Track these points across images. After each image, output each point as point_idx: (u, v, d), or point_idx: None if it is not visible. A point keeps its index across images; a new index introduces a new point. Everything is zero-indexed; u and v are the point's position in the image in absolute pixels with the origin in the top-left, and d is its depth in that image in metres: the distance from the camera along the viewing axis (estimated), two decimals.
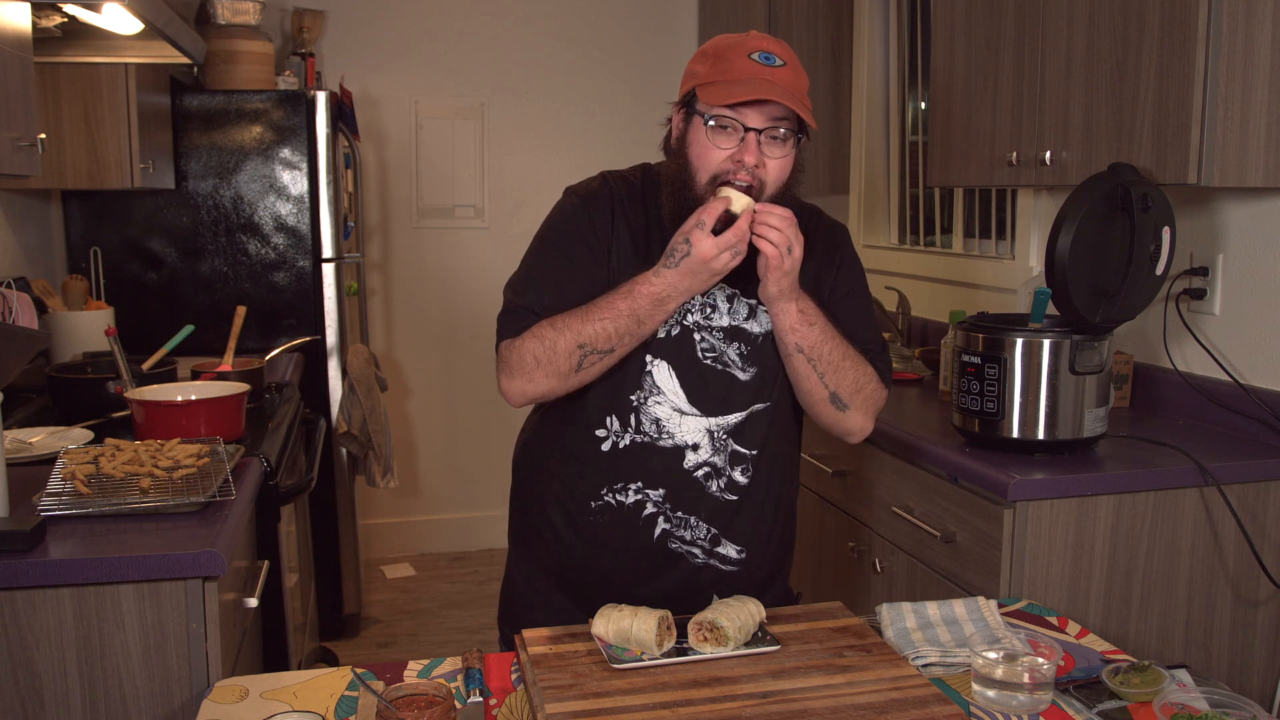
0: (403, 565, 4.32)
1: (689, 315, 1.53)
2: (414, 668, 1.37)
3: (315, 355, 3.45)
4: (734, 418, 1.55)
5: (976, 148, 2.48)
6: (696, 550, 1.57)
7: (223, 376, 2.42)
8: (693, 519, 1.55)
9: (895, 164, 3.66)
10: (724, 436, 1.55)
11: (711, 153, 1.46)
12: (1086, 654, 1.43)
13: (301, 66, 3.80)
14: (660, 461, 1.53)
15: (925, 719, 1.21)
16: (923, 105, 3.46)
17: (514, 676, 1.36)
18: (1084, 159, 2.13)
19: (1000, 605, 1.58)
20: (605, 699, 1.24)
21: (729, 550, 1.58)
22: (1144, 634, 1.98)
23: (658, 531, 1.55)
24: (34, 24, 2.21)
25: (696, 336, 1.54)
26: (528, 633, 1.42)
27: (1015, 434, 2.00)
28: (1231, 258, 2.23)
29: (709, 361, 1.54)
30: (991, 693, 1.28)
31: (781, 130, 1.45)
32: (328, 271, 3.47)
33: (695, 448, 1.54)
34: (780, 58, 1.45)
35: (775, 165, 1.46)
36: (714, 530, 1.56)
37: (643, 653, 1.34)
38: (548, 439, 1.64)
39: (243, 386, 2.14)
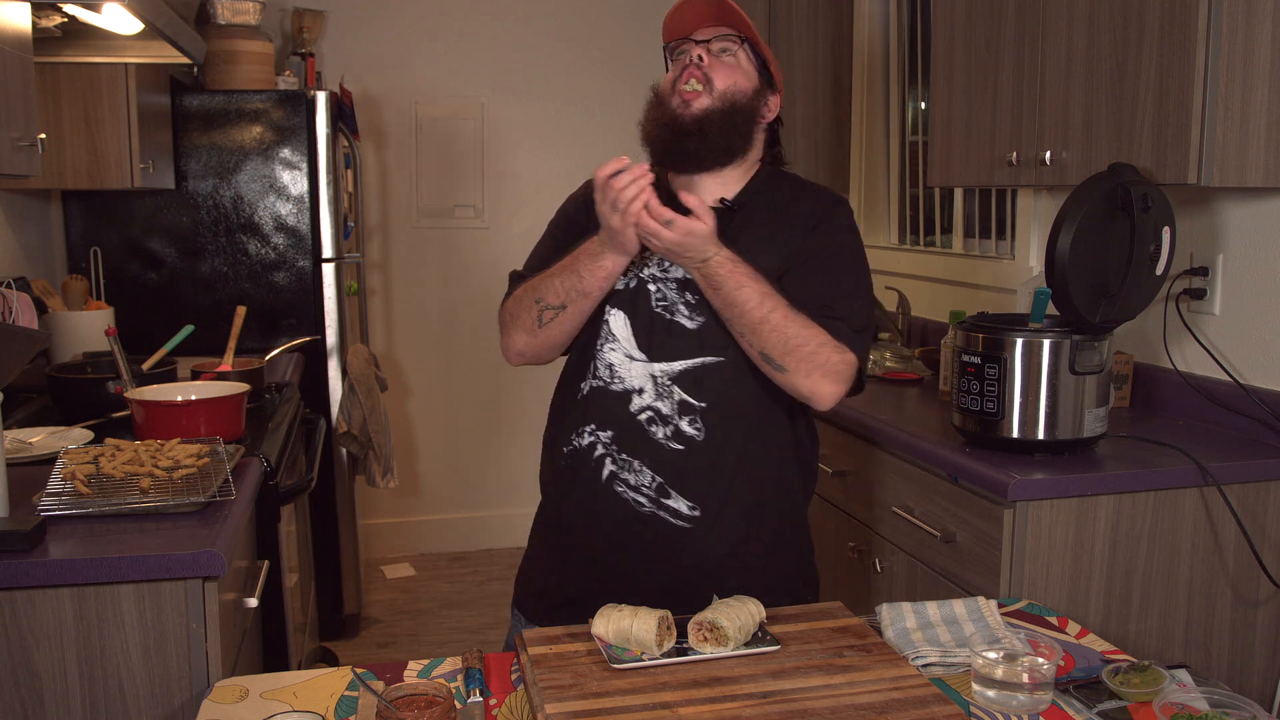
0: (403, 565, 4.32)
1: (646, 268, 1.62)
2: (414, 668, 1.37)
3: (315, 355, 3.45)
4: (678, 365, 1.59)
5: (976, 148, 2.48)
6: (642, 498, 1.59)
7: (223, 376, 2.42)
8: (637, 463, 1.59)
9: (895, 164, 3.66)
10: (667, 382, 1.59)
11: (670, 76, 1.64)
12: (1086, 654, 1.43)
13: (301, 66, 3.80)
14: (611, 405, 1.61)
15: (925, 719, 1.21)
16: (923, 105, 3.46)
17: (514, 676, 1.36)
18: (1084, 159, 2.13)
19: (1000, 605, 1.59)
20: (605, 699, 1.24)
21: (680, 504, 1.59)
22: (1144, 634, 1.98)
23: (605, 474, 1.61)
24: (34, 24, 2.21)
25: (652, 288, 1.62)
26: (528, 633, 1.42)
27: (1015, 434, 2.00)
28: (1231, 258, 2.23)
29: (659, 310, 1.61)
30: (991, 693, 1.28)
31: (727, 41, 1.63)
32: (328, 271, 3.47)
33: (640, 392, 1.59)
34: None
35: (721, 67, 1.61)
36: (659, 479, 1.58)
37: (643, 653, 1.34)
38: (552, 399, 1.75)
39: (243, 386, 2.14)
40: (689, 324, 1.59)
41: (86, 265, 3.28)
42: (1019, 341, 1.97)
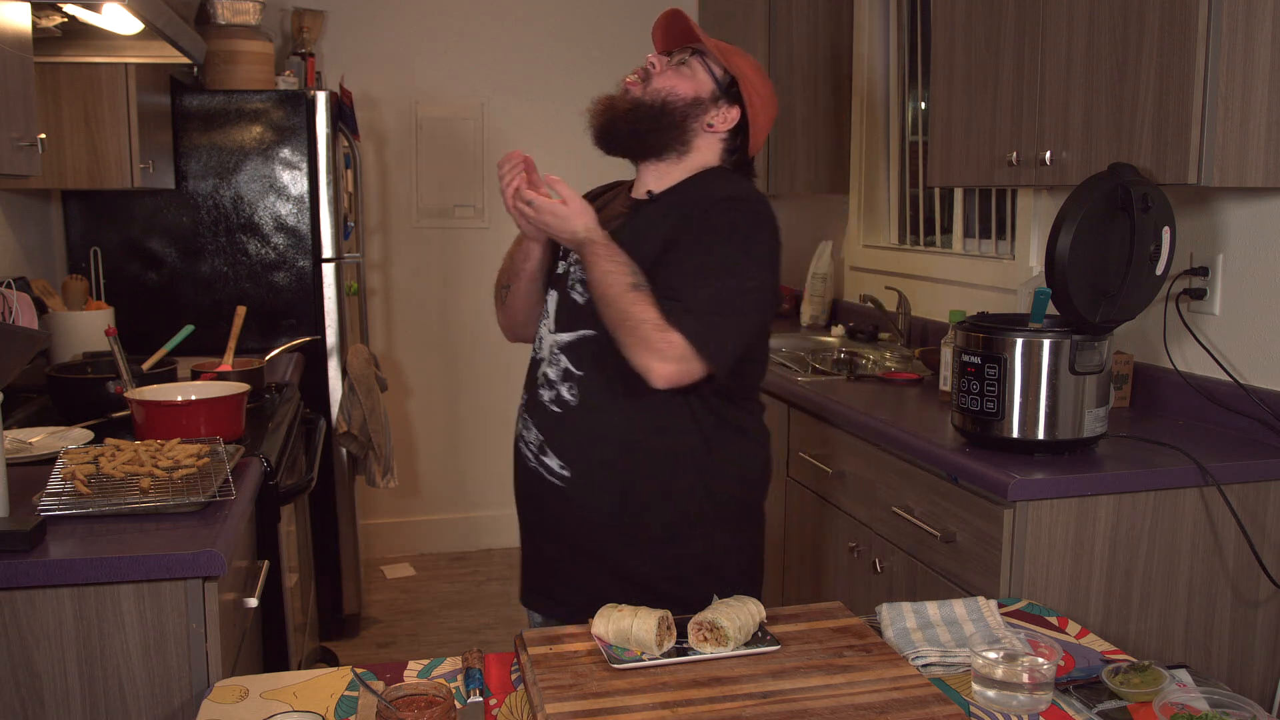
0: (403, 565, 4.33)
1: (573, 254, 1.75)
2: (414, 668, 1.38)
3: (315, 355, 3.45)
4: (565, 336, 1.74)
5: (976, 148, 2.48)
6: (529, 454, 1.77)
7: (223, 376, 2.42)
8: (530, 422, 1.77)
9: (895, 164, 3.66)
10: (556, 352, 1.74)
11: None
12: (1086, 654, 1.43)
13: (301, 66, 3.80)
14: (530, 371, 1.81)
15: (925, 719, 1.21)
16: (923, 105, 3.46)
17: (514, 676, 1.36)
18: (1084, 159, 2.13)
19: (1000, 605, 1.59)
20: (605, 699, 1.24)
21: (553, 462, 1.73)
22: (1144, 634, 1.98)
23: (517, 430, 1.82)
24: (34, 24, 2.21)
25: (574, 270, 1.75)
26: (528, 633, 1.43)
27: (1015, 434, 2.00)
28: (1231, 258, 2.23)
29: (569, 288, 1.75)
30: (991, 693, 1.28)
31: (684, 53, 1.78)
32: (328, 271, 3.47)
33: (544, 360, 1.77)
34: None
35: (670, 72, 1.76)
36: (541, 438, 1.75)
37: (643, 653, 1.34)
38: None
39: (243, 386, 2.14)
40: (580, 300, 1.72)
41: (86, 265, 3.28)
42: (1019, 341, 1.97)
